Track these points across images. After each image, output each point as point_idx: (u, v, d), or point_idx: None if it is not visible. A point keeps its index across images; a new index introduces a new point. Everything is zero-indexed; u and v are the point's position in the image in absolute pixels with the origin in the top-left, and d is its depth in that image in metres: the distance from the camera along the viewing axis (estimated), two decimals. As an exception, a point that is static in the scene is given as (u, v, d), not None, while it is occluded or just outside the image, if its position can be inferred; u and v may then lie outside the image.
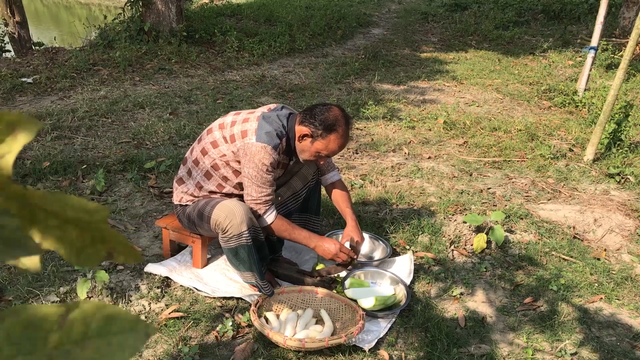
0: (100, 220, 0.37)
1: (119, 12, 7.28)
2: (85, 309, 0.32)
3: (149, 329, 0.32)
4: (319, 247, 2.23)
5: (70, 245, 0.38)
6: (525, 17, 10.39)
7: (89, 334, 0.31)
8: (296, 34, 8.07)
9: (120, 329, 0.31)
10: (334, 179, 2.51)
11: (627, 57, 3.68)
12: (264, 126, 2.12)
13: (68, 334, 0.30)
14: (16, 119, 0.34)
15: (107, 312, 0.32)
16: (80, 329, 0.31)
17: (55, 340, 0.30)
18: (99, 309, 0.32)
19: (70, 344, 0.30)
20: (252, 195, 2.14)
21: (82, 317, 0.31)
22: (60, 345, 0.30)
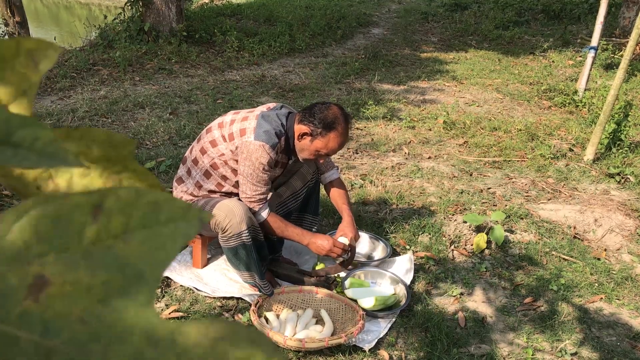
0: (127, 154, 0.34)
1: (119, 12, 7.27)
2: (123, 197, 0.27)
3: (203, 214, 0.27)
4: (312, 243, 2.23)
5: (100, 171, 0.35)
6: (525, 17, 10.39)
7: (132, 226, 0.26)
8: (296, 34, 8.07)
9: (169, 217, 0.27)
10: (332, 177, 2.51)
11: (627, 57, 3.68)
12: (263, 125, 2.12)
13: (106, 227, 0.26)
14: (35, 46, 0.31)
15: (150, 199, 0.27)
16: (120, 220, 0.26)
17: (92, 235, 0.26)
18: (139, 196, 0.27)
19: (110, 238, 0.26)
20: (246, 193, 2.15)
21: (120, 206, 0.27)
22: (98, 240, 0.26)
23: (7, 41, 0.30)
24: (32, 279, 0.25)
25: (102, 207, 0.27)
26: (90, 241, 0.26)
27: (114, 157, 0.34)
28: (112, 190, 0.27)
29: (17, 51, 0.31)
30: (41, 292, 0.25)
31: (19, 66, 0.31)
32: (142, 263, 0.26)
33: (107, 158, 0.34)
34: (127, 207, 0.27)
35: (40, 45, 0.31)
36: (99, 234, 0.26)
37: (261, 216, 2.19)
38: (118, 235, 0.26)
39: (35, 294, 0.24)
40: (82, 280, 0.25)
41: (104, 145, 0.33)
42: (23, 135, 0.27)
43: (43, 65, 0.31)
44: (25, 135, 0.27)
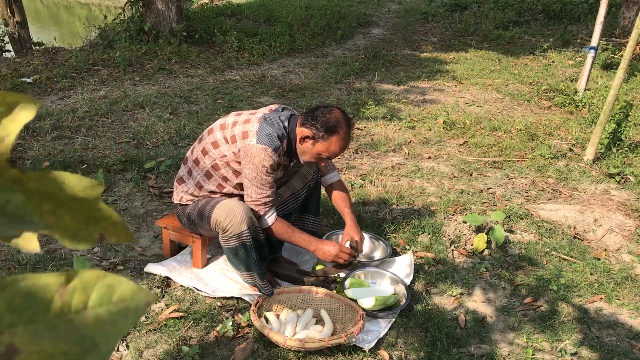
0: (95, 196, 0.38)
1: (119, 12, 7.27)
2: (85, 278, 0.31)
3: (149, 297, 0.32)
4: (318, 250, 2.23)
5: (65, 228, 0.38)
6: (525, 17, 10.39)
7: (91, 303, 0.31)
8: (296, 34, 8.07)
9: (121, 297, 0.31)
10: (333, 179, 2.51)
11: (627, 57, 3.68)
12: (265, 128, 2.12)
13: (69, 303, 0.30)
14: (16, 99, 0.34)
15: (107, 281, 0.32)
16: (81, 297, 0.31)
17: (57, 309, 0.30)
18: (99, 278, 0.32)
19: (72, 313, 0.30)
20: (252, 196, 2.15)
21: (82, 285, 0.31)
22: (62, 314, 0.30)
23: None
24: (4, 347, 0.28)
25: (68, 286, 0.31)
26: (54, 315, 0.30)
27: (82, 198, 0.37)
28: (78, 272, 0.31)
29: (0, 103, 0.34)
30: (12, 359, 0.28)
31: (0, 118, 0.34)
32: (97, 336, 0.30)
33: (76, 199, 0.37)
34: (88, 287, 0.31)
35: (21, 99, 0.34)
36: (63, 309, 0.30)
37: (267, 221, 2.19)
38: (79, 311, 0.30)
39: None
40: (46, 349, 0.29)
41: (74, 187, 0.37)
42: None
43: (22, 117, 0.34)
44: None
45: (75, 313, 0.30)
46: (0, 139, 0.35)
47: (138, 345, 2.00)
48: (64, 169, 3.37)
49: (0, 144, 0.35)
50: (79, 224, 0.38)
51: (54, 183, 0.36)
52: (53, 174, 0.37)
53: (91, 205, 0.38)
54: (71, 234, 0.39)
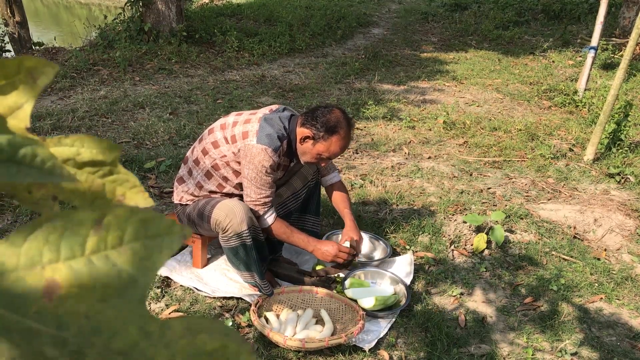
0: (113, 158, 0.38)
1: (119, 12, 7.27)
2: (119, 214, 0.32)
3: (185, 230, 0.32)
4: (317, 250, 2.23)
5: (83, 196, 0.39)
6: (525, 17, 10.39)
7: (126, 238, 0.31)
8: (296, 34, 8.07)
9: (156, 232, 0.31)
10: (333, 180, 2.51)
11: (627, 57, 3.68)
12: (265, 128, 2.12)
13: (105, 239, 0.31)
14: (34, 64, 0.34)
15: (141, 216, 0.32)
16: (116, 233, 0.31)
17: (93, 245, 0.31)
18: (133, 213, 0.32)
19: (107, 248, 0.31)
20: (251, 196, 2.15)
21: (116, 221, 0.31)
22: (98, 250, 0.31)
23: (10, 60, 0.34)
24: (45, 282, 0.29)
25: (102, 222, 0.31)
26: (91, 250, 0.31)
27: (101, 162, 0.38)
28: (111, 208, 0.32)
29: (19, 68, 0.34)
30: (53, 293, 0.29)
31: (19, 82, 0.35)
32: (134, 269, 0.30)
33: (95, 162, 0.38)
34: (122, 222, 0.31)
35: (40, 63, 0.35)
36: (99, 244, 0.31)
37: (266, 221, 2.19)
38: (114, 246, 0.31)
39: (49, 295, 0.29)
40: (86, 283, 0.30)
41: (92, 150, 0.38)
42: (24, 153, 0.32)
43: (41, 81, 0.35)
44: (27, 153, 0.32)
45: (111, 248, 0.31)
46: (19, 106, 0.35)
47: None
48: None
49: (20, 111, 0.35)
50: (97, 191, 0.39)
51: (73, 147, 0.37)
52: (72, 137, 0.37)
53: (109, 168, 0.39)
54: (89, 200, 0.39)
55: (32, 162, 0.31)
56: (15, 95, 0.35)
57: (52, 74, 0.35)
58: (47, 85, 2.79)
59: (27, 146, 0.32)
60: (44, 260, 0.30)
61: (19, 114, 0.35)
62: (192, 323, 0.30)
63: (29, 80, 0.35)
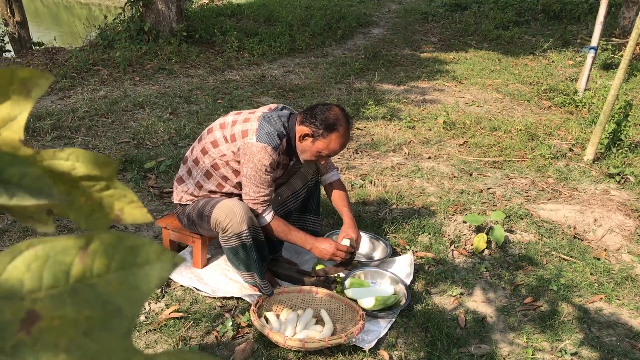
0: (109, 173, 0.37)
1: (119, 12, 7.27)
2: (106, 240, 0.30)
3: (175, 258, 0.31)
4: (315, 248, 2.23)
5: (80, 209, 0.38)
6: (525, 17, 10.39)
7: (113, 267, 0.29)
8: (296, 34, 8.07)
9: (145, 260, 0.30)
10: (332, 178, 2.51)
11: (627, 57, 3.68)
12: (265, 126, 2.12)
13: (91, 267, 0.29)
14: (28, 75, 0.33)
15: (129, 243, 0.30)
16: (102, 261, 0.29)
17: (78, 274, 0.29)
18: (120, 240, 0.30)
19: (93, 277, 0.29)
20: (249, 195, 2.15)
21: (103, 248, 0.30)
22: (83, 278, 0.29)
23: (3, 70, 0.33)
24: (25, 313, 0.28)
25: (88, 249, 0.30)
26: (76, 279, 0.29)
27: (97, 176, 0.37)
28: (97, 235, 0.30)
29: (11, 79, 0.33)
30: (32, 325, 0.27)
31: (12, 93, 0.33)
32: (120, 300, 0.29)
33: (91, 177, 0.37)
34: (109, 249, 0.30)
35: (33, 74, 0.33)
36: (84, 273, 0.29)
37: (265, 219, 2.19)
38: (101, 275, 0.29)
39: (28, 327, 0.27)
40: (69, 315, 0.28)
41: (88, 165, 0.36)
42: (12, 173, 0.30)
43: (35, 92, 0.34)
44: (14, 173, 0.30)
45: (97, 277, 0.29)
46: (12, 117, 0.34)
47: (138, 345, 2.00)
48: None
49: (13, 123, 0.34)
50: (93, 205, 0.38)
51: (68, 161, 0.36)
52: (67, 151, 0.36)
53: (106, 183, 0.37)
54: (86, 215, 0.38)
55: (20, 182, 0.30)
56: (9, 106, 0.34)
57: (46, 85, 0.34)
58: (44, 91, 2.80)
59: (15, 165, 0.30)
60: (24, 290, 0.28)
61: (12, 126, 0.34)
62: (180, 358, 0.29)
63: (23, 91, 0.33)
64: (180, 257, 0.31)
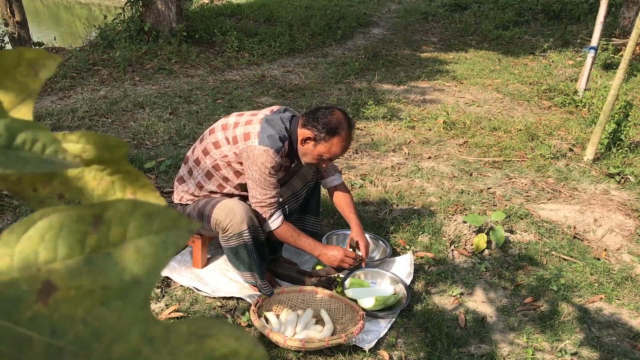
0: (121, 155, 0.36)
1: (119, 12, 7.27)
2: (120, 208, 0.29)
3: (192, 224, 0.30)
4: (323, 255, 2.23)
5: (91, 193, 0.37)
6: (525, 17, 10.39)
7: (128, 235, 0.29)
8: (296, 34, 8.07)
9: (162, 227, 0.29)
10: (335, 182, 2.50)
11: (627, 57, 3.68)
12: (267, 129, 2.12)
13: (106, 236, 0.28)
14: (34, 55, 0.33)
15: (145, 210, 0.29)
16: (118, 229, 0.29)
17: (93, 243, 0.28)
18: (135, 208, 0.29)
19: (109, 246, 0.28)
20: (256, 197, 2.14)
21: (118, 216, 0.29)
22: (98, 248, 0.28)
23: (9, 51, 0.32)
24: (41, 284, 0.27)
25: (102, 218, 0.29)
26: (91, 249, 0.28)
27: (108, 159, 0.36)
28: (111, 203, 0.29)
29: (19, 61, 0.32)
30: (49, 296, 0.27)
31: (20, 75, 0.33)
32: (137, 269, 0.28)
33: (102, 160, 0.36)
34: (124, 218, 0.29)
35: (41, 55, 0.33)
36: (99, 242, 0.28)
37: (274, 224, 2.18)
38: (116, 244, 0.29)
39: (44, 298, 0.27)
40: (85, 285, 0.27)
41: (98, 147, 0.35)
42: (24, 138, 0.29)
43: (43, 74, 0.33)
44: (26, 138, 0.29)
45: (113, 246, 0.28)
46: (21, 100, 0.33)
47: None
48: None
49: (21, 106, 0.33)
50: (105, 189, 0.37)
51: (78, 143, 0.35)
52: (77, 133, 0.35)
53: (117, 166, 0.37)
54: (98, 199, 0.37)
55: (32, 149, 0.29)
56: (17, 88, 0.33)
57: (54, 67, 0.33)
58: (48, 84, 2.81)
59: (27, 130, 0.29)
60: (40, 261, 0.27)
61: (20, 109, 0.33)
62: (199, 326, 0.28)
63: (30, 73, 0.33)
64: (196, 223, 0.30)
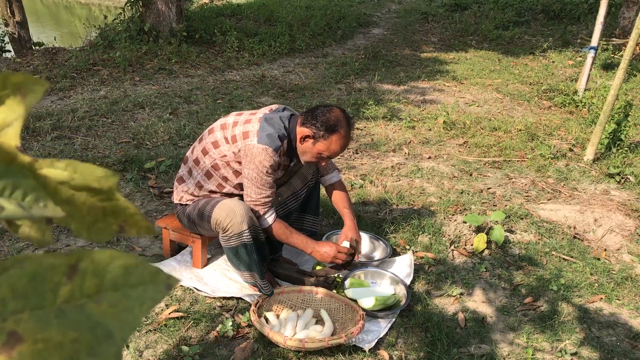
0: (109, 187, 0.35)
1: (119, 12, 7.28)
2: (97, 260, 0.28)
3: (170, 280, 0.29)
4: (315, 252, 2.23)
5: (81, 219, 0.36)
6: (525, 17, 10.39)
7: (104, 287, 0.28)
8: (296, 34, 8.07)
9: (139, 280, 0.28)
10: (333, 180, 2.51)
11: (627, 57, 3.68)
12: (266, 128, 2.12)
13: (80, 287, 0.28)
14: (22, 80, 0.32)
15: (122, 263, 0.29)
16: (93, 281, 0.28)
17: (66, 294, 0.27)
18: (113, 259, 0.29)
19: (83, 297, 0.28)
20: (251, 196, 2.15)
21: (94, 268, 0.28)
22: (71, 299, 0.27)
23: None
24: (6, 336, 0.26)
25: (77, 268, 0.28)
26: (63, 300, 0.27)
27: (97, 189, 0.35)
28: (88, 252, 0.29)
29: (4, 84, 0.32)
30: (13, 349, 0.25)
31: (5, 99, 0.32)
32: (111, 324, 0.27)
33: (90, 188, 0.35)
34: (100, 269, 0.28)
35: (27, 80, 0.32)
36: (73, 293, 0.28)
37: (266, 221, 2.19)
38: (90, 296, 0.28)
39: (9, 350, 0.25)
40: (54, 338, 0.26)
41: (86, 177, 0.34)
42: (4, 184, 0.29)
43: (29, 99, 0.32)
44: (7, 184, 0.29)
45: (86, 297, 0.28)
46: (8, 123, 0.33)
47: (138, 345, 2.00)
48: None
49: (8, 129, 0.33)
50: (96, 215, 0.36)
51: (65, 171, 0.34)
52: (65, 162, 0.34)
53: (107, 196, 0.36)
54: (88, 225, 0.36)
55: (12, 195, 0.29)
56: (3, 112, 0.32)
57: (40, 92, 0.32)
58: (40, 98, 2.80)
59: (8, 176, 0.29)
60: (7, 311, 0.26)
61: (8, 132, 0.33)
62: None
63: (17, 97, 0.32)
64: (175, 279, 0.30)
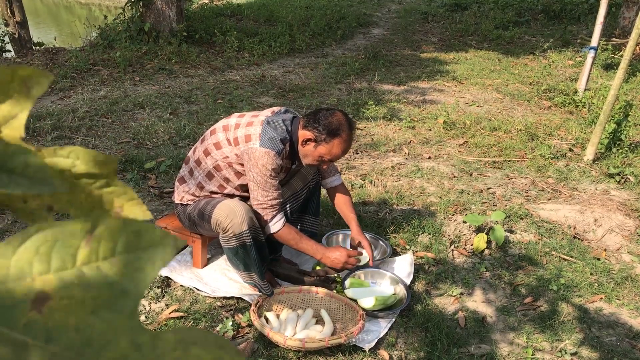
0: (109, 171, 0.38)
1: (119, 12, 7.28)
2: (111, 225, 0.31)
3: (177, 241, 0.32)
4: (326, 258, 2.23)
5: (79, 206, 0.39)
6: (525, 17, 10.39)
7: (118, 250, 0.31)
8: (296, 34, 8.07)
9: (149, 243, 0.31)
10: (335, 183, 2.51)
11: (627, 57, 3.68)
12: (268, 131, 2.12)
13: (96, 250, 0.31)
14: (28, 73, 0.34)
15: (134, 228, 0.32)
16: (108, 245, 0.31)
17: (84, 257, 0.30)
18: (125, 224, 0.32)
19: (99, 260, 0.31)
20: (258, 199, 2.14)
21: (109, 232, 0.31)
22: (89, 261, 0.30)
23: (3, 68, 0.34)
24: (35, 294, 0.29)
25: (94, 233, 0.31)
26: (82, 262, 0.30)
27: (97, 174, 0.38)
28: (103, 219, 0.32)
29: (12, 77, 0.34)
30: (43, 305, 0.29)
31: (12, 91, 0.34)
32: (125, 282, 0.30)
33: (91, 174, 0.38)
34: (114, 234, 0.31)
35: (34, 73, 0.34)
36: (90, 256, 0.31)
37: (276, 226, 2.17)
38: (106, 258, 0.31)
39: (38, 307, 0.29)
40: (76, 295, 0.30)
41: (88, 163, 0.37)
42: (17, 162, 0.32)
43: (35, 91, 0.35)
44: (19, 162, 0.32)
45: (102, 260, 0.31)
46: (13, 115, 0.35)
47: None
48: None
49: (14, 121, 0.35)
50: (93, 201, 0.39)
51: (68, 158, 0.37)
52: (67, 149, 0.37)
53: (106, 180, 0.38)
54: (86, 211, 0.39)
55: (24, 172, 0.32)
56: (9, 104, 0.34)
57: (46, 84, 0.34)
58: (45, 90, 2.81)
59: (20, 155, 0.32)
60: (34, 272, 0.30)
61: (13, 124, 0.35)
62: (185, 335, 0.30)
63: (23, 90, 0.34)
64: (181, 241, 0.33)
